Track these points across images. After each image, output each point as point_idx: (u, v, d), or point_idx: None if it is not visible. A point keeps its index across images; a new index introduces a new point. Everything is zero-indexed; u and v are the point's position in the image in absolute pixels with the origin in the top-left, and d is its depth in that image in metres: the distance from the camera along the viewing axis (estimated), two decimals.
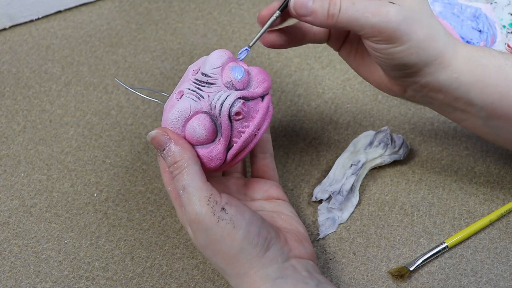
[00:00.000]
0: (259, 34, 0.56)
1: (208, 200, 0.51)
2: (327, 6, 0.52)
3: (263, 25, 0.56)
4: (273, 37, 0.58)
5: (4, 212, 0.65)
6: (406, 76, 0.55)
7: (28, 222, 0.64)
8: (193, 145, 0.54)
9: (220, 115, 0.53)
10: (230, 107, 0.53)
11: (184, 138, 0.54)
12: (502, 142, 0.60)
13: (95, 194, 0.66)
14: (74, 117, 0.72)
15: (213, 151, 0.54)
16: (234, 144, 0.55)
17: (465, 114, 0.57)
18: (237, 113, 0.54)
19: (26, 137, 0.70)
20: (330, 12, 0.52)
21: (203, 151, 0.54)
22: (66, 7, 0.81)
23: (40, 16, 0.81)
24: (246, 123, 0.55)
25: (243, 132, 0.55)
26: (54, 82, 0.75)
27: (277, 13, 0.55)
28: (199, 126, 0.53)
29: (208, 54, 0.56)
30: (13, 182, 0.67)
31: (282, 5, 0.55)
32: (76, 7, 0.82)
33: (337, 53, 0.62)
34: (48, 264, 0.62)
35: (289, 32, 0.58)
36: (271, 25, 0.56)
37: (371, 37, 0.52)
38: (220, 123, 0.54)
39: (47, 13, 0.81)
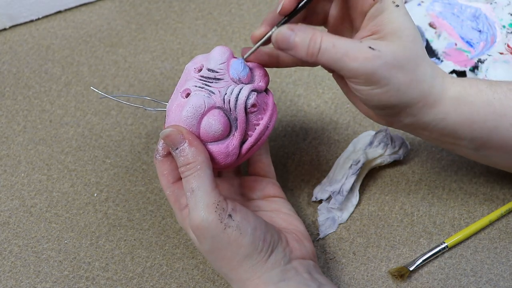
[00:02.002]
0: (252, 49, 0.55)
1: (216, 207, 0.51)
2: (307, 43, 0.51)
3: (255, 43, 0.55)
4: (263, 57, 0.57)
5: (4, 212, 0.65)
6: (389, 115, 0.55)
7: (28, 222, 0.64)
8: (207, 142, 0.54)
9: (236, 108, 0.53)
10: (246, 99, 0.53)
11: (199, 135, 0.54)
12: (495, 166, 0.60)
13: (95, 194, 0.66)
14: (74, 117, 0.72)
15: (229, 146, 0.54)
16: (249, 138, 0.55)
17: (454, 146, 0.57)
18: (253, 105, 0.54)
19: (26, 137, 0.70)
20: (310, 51, 0.51)
21: (219, 147, 0.54)
22: (66, 7, 0.81)
23: (40, 16, 0.81)
24: (260, 115, 0.55)
25: (258, 124, 0.55)
26: (54, 82, 0.75)
27: (269, 33, 0.54)
28: (215, 122, 0.53)
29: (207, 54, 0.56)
30: (13, 182, 0.67)
31: (279, 23, 0.54)
32: (76, 7, 0.82)
33: None
34: (48, 264, 0.62)
35: (278, 55, 0.57)
36: (264, 43, 0.55)
37: (349, 78, 0.52)
38: (235, 117, 0.54)
39: (47, 13, 0.81)
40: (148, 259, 0.62)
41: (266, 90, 0.57)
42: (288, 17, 0.53)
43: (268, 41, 0.54)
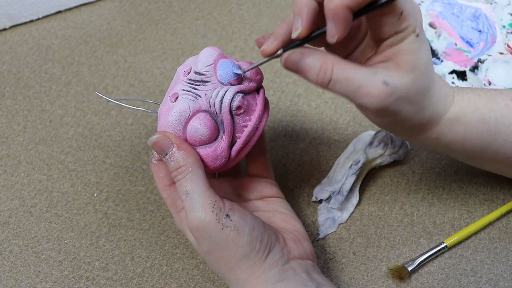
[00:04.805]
0: (255, 65, 0.54)
1: (213, 207, 0.51)
2: (317, 70, 0.50)
3: (264, 57, 0.53)
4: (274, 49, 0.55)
5: (4, 212, 0.65)
6: (389, 131, 0.57)
7: (28, 222, 0.64)
8: (195, 146, 0.53)
9: (221, 111, 0.53)
10: (231, 101, 0.53)
11: (186, 139, 0.53)
12: (489, 170, 0.62)
13: (95, 194, 0.66)
14: (74, 117, 0.72)
15: (217, 149, 0.54)
16: (238, 140, 0.54)
17: (448, 154, 0.59)
18: (238, 107, 0.53)
19: (26, 137, 0.70)
20: (319, 80, 0.50)
21: (206, 150, 0.54)
22: (66, 7, 0.81)
23: (40, 16, 0.81)
24: (247, 117, 0.54)
25: (246, 126, 0.54)
26: (54, 82, 0.75)
27: (280, 51, 0.51)
28: (200, 126, 0.52)
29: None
30: (13, 182, 0.67)
31: (286, 47, 0.52)
32: (76, 7, 0.82)
33: None
34: (48, 264, 0.62)
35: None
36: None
37: (357, 106, 0.53)
38: (221, 120, 0.53)
39: (47, 13, 0.81)
40: (148, 259, 0.62)
41: (259, 89, 0.56)
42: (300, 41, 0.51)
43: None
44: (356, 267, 0.61)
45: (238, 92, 0.53)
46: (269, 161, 0.61)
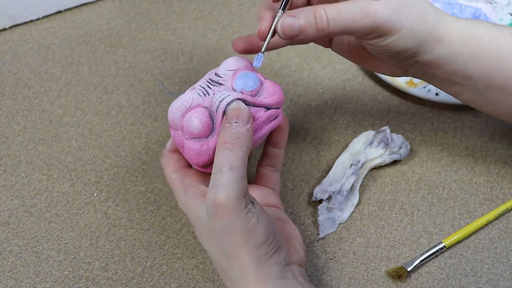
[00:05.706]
0: (267, 40, 0.56)
1: (245, 193, 0.51)
2: (314, 20, 0.52)
3: (263, 38, 0.56)
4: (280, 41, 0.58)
5: (4, 212, 0.65)
6: (406, 59, 0.56)
7: (28, 222, 0.64)
8: (187, 137, 0.54)
9: (216, 111, 0.54)
10: (227, 104, 0.54)
11: (182, 129, 0.54)
12: (499, 113, 0.60)
13: (95, 194, 0.66)
14: (74, 117, 0.72)
15: (203, 146, 0.54)
16: None
17: (463, 88, 0.57)
18: None
19: (26, 137, 0.70)
20: (319, 27, 0.52)
21: (193, 144, 0.54)
22: (66, 7, 0.81)
23: (40, 16, 0.81)
24: None
25: None
26: (54, 82, 0.75)
27: (280, 12, 0.54)
28: (195, 118, 0.54)
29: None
30: (13, 182, 0.67)
31: (281, 4, 0.55)
32: (76, 7, 0.82)
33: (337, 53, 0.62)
34: (48, 264, 0.62)
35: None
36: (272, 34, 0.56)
37: (365, 36, 0.53)
38: (216, 120, 0.54)
39: (47, 13, 0.81)
40: (148, 259, 0.62)
41: (269, 109, 0.56)
42: (283, 6, 0.54)
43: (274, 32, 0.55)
44: (356, 267, 0.61)
45: (238, 99, 0.54)
46: (279, 179, 0.62)
